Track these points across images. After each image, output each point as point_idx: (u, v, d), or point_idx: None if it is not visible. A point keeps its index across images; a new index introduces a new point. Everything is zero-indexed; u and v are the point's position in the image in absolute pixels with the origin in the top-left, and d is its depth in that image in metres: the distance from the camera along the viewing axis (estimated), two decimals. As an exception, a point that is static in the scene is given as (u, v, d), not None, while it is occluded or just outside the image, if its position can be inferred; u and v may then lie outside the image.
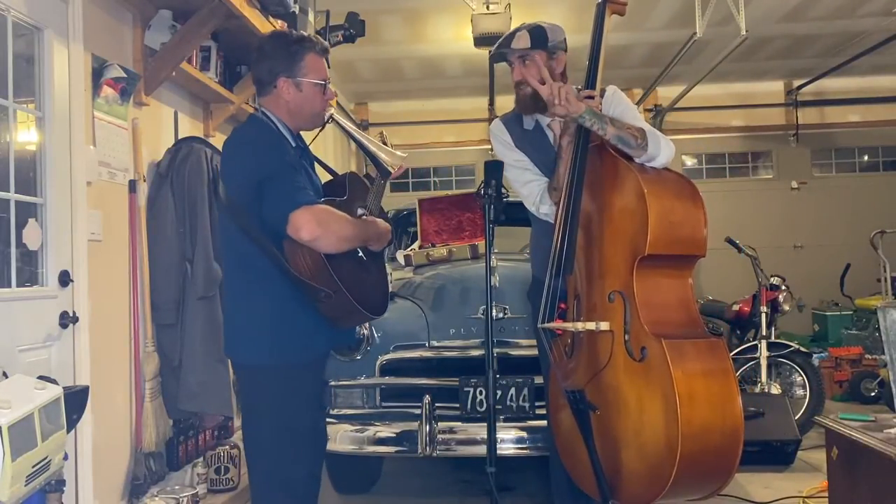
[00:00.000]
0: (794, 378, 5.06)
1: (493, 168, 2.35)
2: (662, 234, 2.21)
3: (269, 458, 2.26)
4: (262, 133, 2.26)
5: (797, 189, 9.38)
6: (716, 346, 2.22)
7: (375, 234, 2.35)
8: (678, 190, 2.32)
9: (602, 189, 2.38)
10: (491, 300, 2.34)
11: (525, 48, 2.51)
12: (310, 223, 2.09)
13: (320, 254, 2.13)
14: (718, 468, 2.15)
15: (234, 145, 2.29)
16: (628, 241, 2.25)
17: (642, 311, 2.19)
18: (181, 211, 3.54)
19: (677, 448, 2.03)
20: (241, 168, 2.22)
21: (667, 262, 2.26)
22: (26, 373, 2.47)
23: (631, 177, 2.27)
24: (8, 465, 1.96)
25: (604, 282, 2.33)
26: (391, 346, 3.32)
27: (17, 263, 2.73)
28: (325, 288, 2.13)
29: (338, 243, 2.17)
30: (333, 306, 2.18)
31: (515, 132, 2.68)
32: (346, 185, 2.41)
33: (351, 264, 2.25)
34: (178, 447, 3.60)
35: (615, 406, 2.26)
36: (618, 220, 2.32)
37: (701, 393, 2.10)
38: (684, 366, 2.09)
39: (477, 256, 3.94)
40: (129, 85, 3.33)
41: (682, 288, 2.31)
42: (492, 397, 2.28)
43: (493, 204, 2.30)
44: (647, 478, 2.17)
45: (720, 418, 2.12)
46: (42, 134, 2.87)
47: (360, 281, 2.26)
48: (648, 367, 2.14)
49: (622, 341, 2.22)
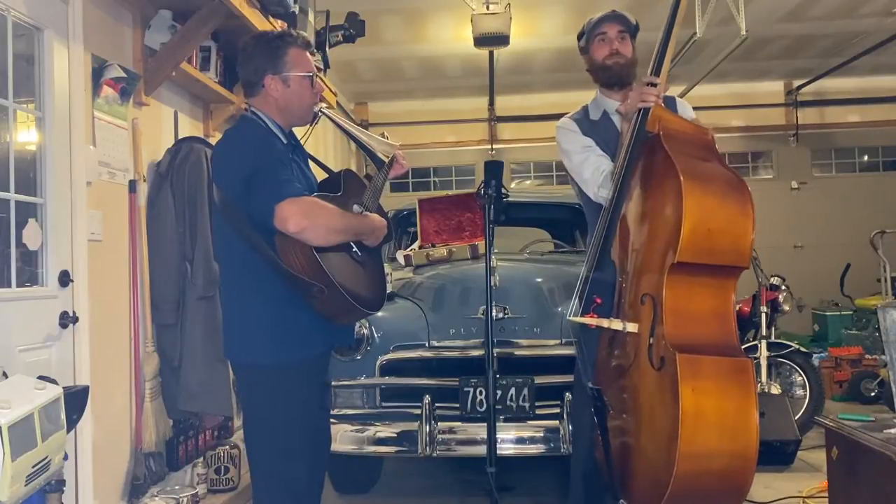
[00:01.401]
0: (794, 378, 5.06)
1: (493, 168, 2.35)
2: (697, 242, 2.07)
3: (270, 457, 2.26)
4: (249, 131, 2.27)
5: (797, 189, 9.38)
6: (740, 366, 2.09)
7: (369, 228, 2.32)
8: (725, 194, 2.15)
9: (650, 184, 2.29)
10: (491, 300, 2.34)
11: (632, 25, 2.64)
12: (296, 214, 2.08)
13: (311, 248, 2.11)
14: (725, 491, 2.07)
15: (222, 146, 2.31)
16: (663, 245, 2.14)
17: (668, 319, 2.10)
18: (181, 211, 3.54)
19: (674, 465, 1.98)
20: (229, 167, 2.23)
21: (703, 272, 2.12)
22: (26, 373, 2.48)
23: (674, 175, 2.11)
24: (8, 465, 1.96)
25: (640, 282, 2.26)
26: (391, 346, 3.32)
27: (17, 263, 2.73)
28: (318, 283, 2.12)
29: (327, 235, 2.15)
30: (327, 302, 2.16)
31: (583, 124, 2.71)
32: (342, 182, 2.40)
33: (344, 260, 2.24)
34: (178, 447, 3.60)
35: (632, 409, 2.24)
36: (657, 219, 2.23)
37: (711, 413, 2.02)
38: (696, 383, 2.01)
39: (477, 256, 3.94)
40: (129, 85, 3.33)
41: (719, 300, 2.16)
42: (492, 397, 2.28)
43: (493, 204, 2.30)
44: (649, 485, 2.16)
45: (729, 441, 2.03)
46: (42, 134, 2.87)
47: (354, 276, 2.25)
48: (663, 378, 2.08)
49: (646, 347, 2.16)
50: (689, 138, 2.31)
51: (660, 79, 2.37)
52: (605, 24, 2.64)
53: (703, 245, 2.08)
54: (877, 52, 7.27)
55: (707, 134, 2.34)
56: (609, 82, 2.67)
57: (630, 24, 2.65)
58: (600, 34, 2.64)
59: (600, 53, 2.64)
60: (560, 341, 3.26)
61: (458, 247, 4.02)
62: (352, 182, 2.43)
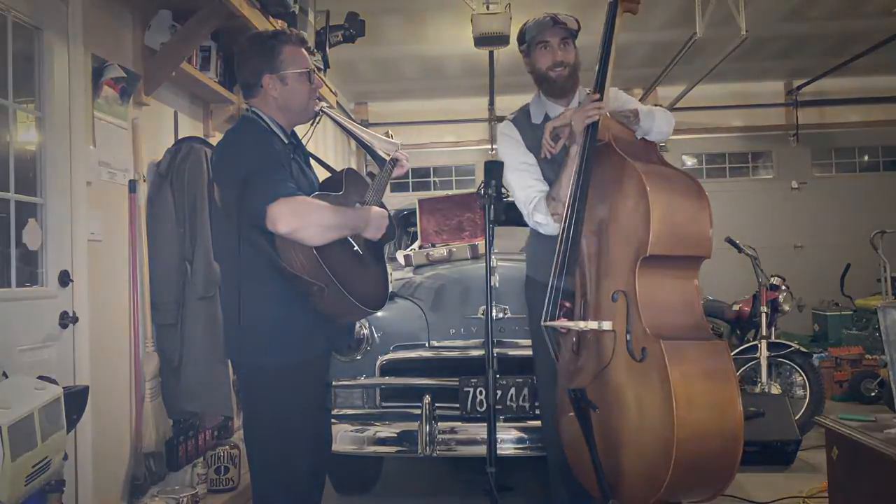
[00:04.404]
0: (794, 378, 5.06)
1: (493, 168, 2.35)
2: (665, 234, 2.20)
3: (270, 457, 2.26)
4: (249, 131, 2.28)
5: (797, 189, 9.38)
6: (718, 348, 2.21)
7: (364, 220, 2.31)
8: (683, 189, 2.30)
9: (608, 188, 2.39)
10: (491, 300, 2.33)
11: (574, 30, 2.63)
12: (286, 215, 2.06)
13: (311, 247, 2.11)
14: (717, 470, 2.14)
15: (222, 146, 2.32)
16: (631, 241, 2.25)
17: (644, 311, 2.18)
18: (181, 211, 3.54)
19: (672, 450, 2.03)
20: (227, 167, 2.24)
21: (670, 263, 2.24)
22: (26, 373, 2.48)
23: (635, 175, 2.26)
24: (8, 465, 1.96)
25: (608, 281, 2.33)
26: (391, 346, 3.32)
27: (17, 263, 2.73)
28: (318, 282, 2.12)
29: (321, 232, 2.13)
30: (327, 301, 2.16)
31: (525, 128, 2.73)
32: (343, 181, 2.40)
33: (345, 258, 2.24)
34: (178, 447, 3.60)
35: (616, 406, 2.27)
36: (621, 219, 2.32)
37: (700, 395, 2.09)
38: (683, 368, 2.08)
39: (477, 256, 3.94)
40: (129, 85, 3.33)
41: (686, 289, 2.29)
42: (492, 397, 2.27)
43: (493, 204, 2.30)
44: (644, 478, 2.17)
45: (719, 421, 2.10)
46: (42, 134, 2.87)
47: (354, 274, 2.24)
48: (648, 368, 2.14)
49: (624, 341, 2.22)
50: (634, 141, 2.46)
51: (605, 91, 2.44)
52: (546, 32, 2.62)
53: (671, 237, 2.22)
54: (877, 52, 7.26)
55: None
56: (552, 93, 2.70)
57: (572, 30, 2.63)
58: (542, 42, 2.63)
59: (543, 63, 2.64)
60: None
61: (458, 247, 4.02)
62: (354, 181, 2.43)
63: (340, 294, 2.14)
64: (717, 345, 2.22)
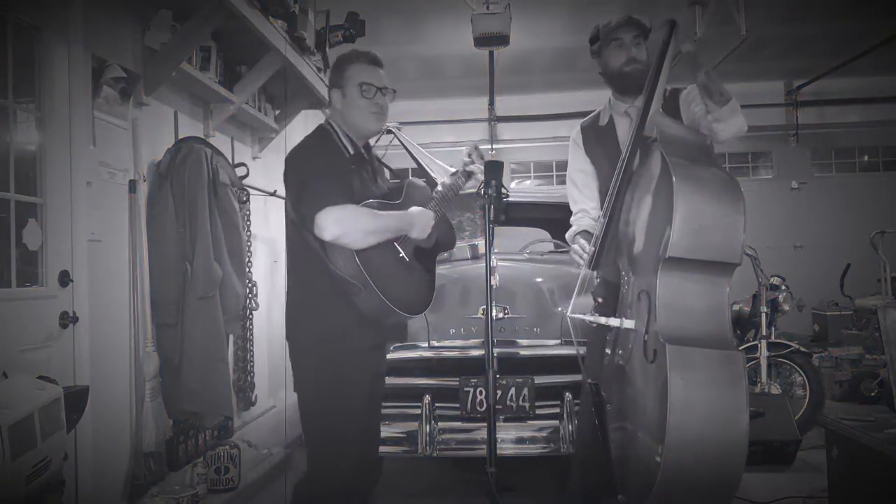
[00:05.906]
0: (794, 378, 5.06)
1: (493, 168, 2.36)
2: (687, 237, 2.13)
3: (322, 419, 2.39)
4: (315, 139, 2.46)
5: (797, 189, 9.37)
6: (731, 358, 2.14)
7: (407, 222, 2.42)
8: (717, 193, 2.21)
9: (646, 185, 2.38)
10: (491, 300, 2.34)
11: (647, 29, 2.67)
12: (330, 224, 2.22)
13: (352, 250, 2.26)
14: (716, 480, 2.10)
15: (291, 152, 2.47)
16: (657, 242, 2.21)
17: (661, 313, 2.16)
18: (181, 211, 3.54)
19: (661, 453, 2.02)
20: (288, 170, 2.42)
21: (695, 267, 2.18)
22: (26, 373, 2.48)
23: (668, 174, 2.18)
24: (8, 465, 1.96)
25: (637, 279, 2.35)
26: (391, 346, 3.32)
27: (17, 263, 2.73)
28: (357, 282, 2.26)
29: (362, 237, 2.28)
30: (364, 301, 2.29)
31: (590, 132, 2.79)
32: (403, 191, 2.54)
33: (388, 262, 2.36)
34: (178, 447, 3.60)
35: (628, 403, 2.30)
36: (652, 218, 2.30)
37: (700, 403, 2.06)
38: (686, 374, 2.06)
39: (477, 256, 3.94)
40: (129, 85, 3.33)
41: (712, 295, 2.21)
42: (492, 397, 2.27)
43: (493, 204, 2.31)
44: (641, 477, 2.19)
45: (719, 431, 2.06)
46: (42, 134, 2.87)
47: (396, 279, 2.36)
48: (656, 370, 2.13)
49: (641, 342, 2.23)
50: (686, 141, 2.40)
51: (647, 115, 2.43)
52: (621, 30, 2.63)
53: (694, 241, 2.14)
54: (877, 52, 7.26)
55: (706, 139, 2.44)
56: (625, 89, 2.69)
57: (645, 29, 2.66)
58: (616, 40, 2.64)
59: (617, 60, 2.65)
60: (560, 341, 3.26)
61: (458, 247, 4.02)
62: (414, 191, 2.58)
63: (376, 296, 2.26)
64: (730, 355, 2.14)
